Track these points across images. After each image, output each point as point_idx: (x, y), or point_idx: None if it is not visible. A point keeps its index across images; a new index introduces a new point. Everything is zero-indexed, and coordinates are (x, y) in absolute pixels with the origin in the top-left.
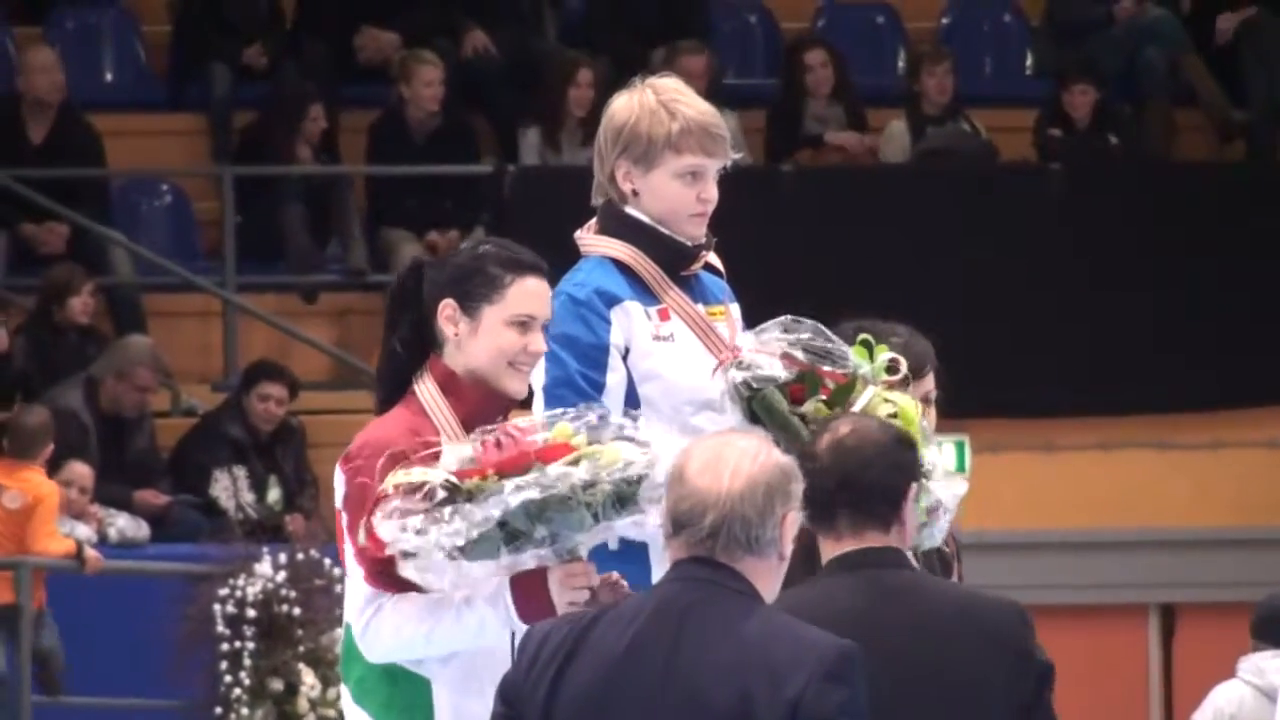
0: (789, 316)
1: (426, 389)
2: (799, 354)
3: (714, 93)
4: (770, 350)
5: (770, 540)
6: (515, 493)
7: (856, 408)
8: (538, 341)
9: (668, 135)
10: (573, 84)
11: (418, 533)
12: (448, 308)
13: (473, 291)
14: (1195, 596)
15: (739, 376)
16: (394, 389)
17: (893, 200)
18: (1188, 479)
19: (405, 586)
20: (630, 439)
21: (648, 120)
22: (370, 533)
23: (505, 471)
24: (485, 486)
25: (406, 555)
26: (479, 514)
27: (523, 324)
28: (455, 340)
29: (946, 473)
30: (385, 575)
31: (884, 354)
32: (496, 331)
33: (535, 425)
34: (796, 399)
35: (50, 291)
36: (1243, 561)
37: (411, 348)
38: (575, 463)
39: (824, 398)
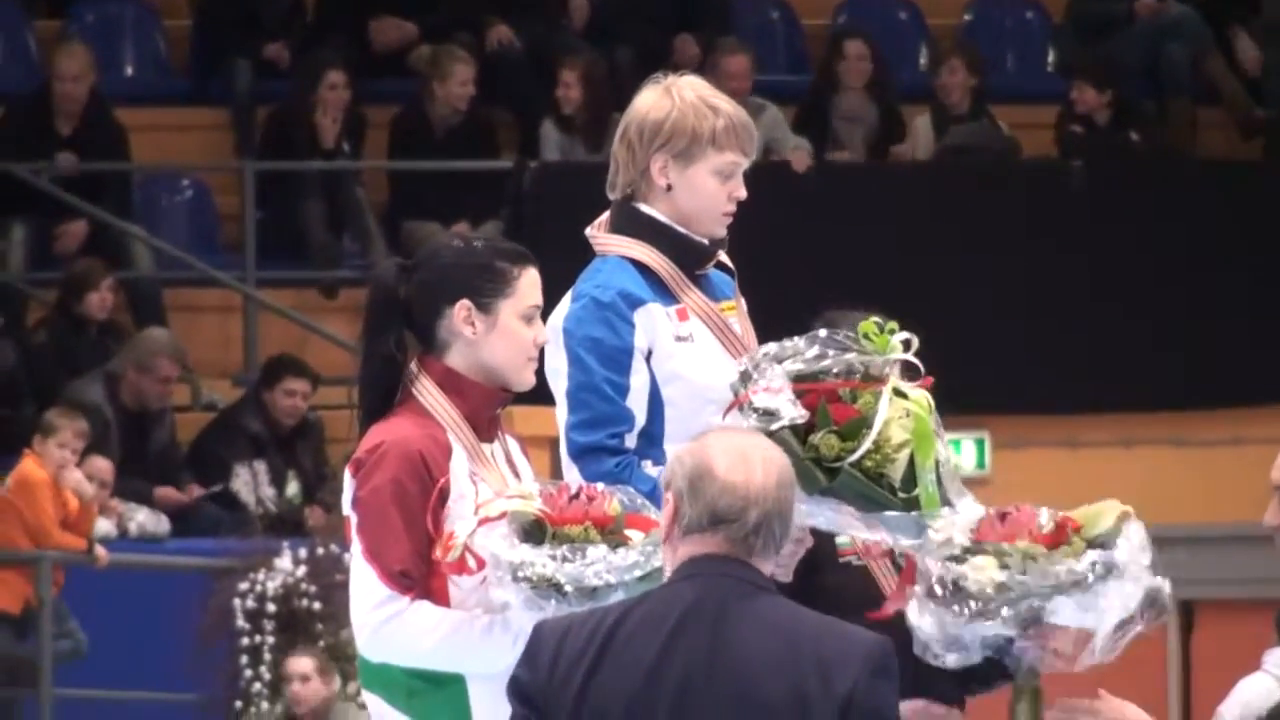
0: (807, 335)
1: (425, 389)
2: (811, 372)
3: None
4: (778, 386)
5: (783, 538)
6: (656, 553)
7: (874, 432)
8: (543, 331)
9: (712, 131)
10: (560, 82)
11: (564, 560)
12: (463, 309)
13: (485, 288)
14: (1214, 593)
15: (751, 421)
16: (383, 397)
17: (916, 197)
18: (1206, 475)
19: (426, 593)
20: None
21: (692, 115)
22: (467, 547)
23: (603, 527)
24: (586, 536)
25: (522, 579)
26: (623, 562)
27: (531, 316)
28: (471, 339)
29: (960, 495)
30: (418, 582)
31: (897, 333)
32: (513, 326)
33: (597, 488)
34: (809, 427)
35: (71, 286)
36: (1261, 558)
37: (402, 352)
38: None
39: (835, 428)
